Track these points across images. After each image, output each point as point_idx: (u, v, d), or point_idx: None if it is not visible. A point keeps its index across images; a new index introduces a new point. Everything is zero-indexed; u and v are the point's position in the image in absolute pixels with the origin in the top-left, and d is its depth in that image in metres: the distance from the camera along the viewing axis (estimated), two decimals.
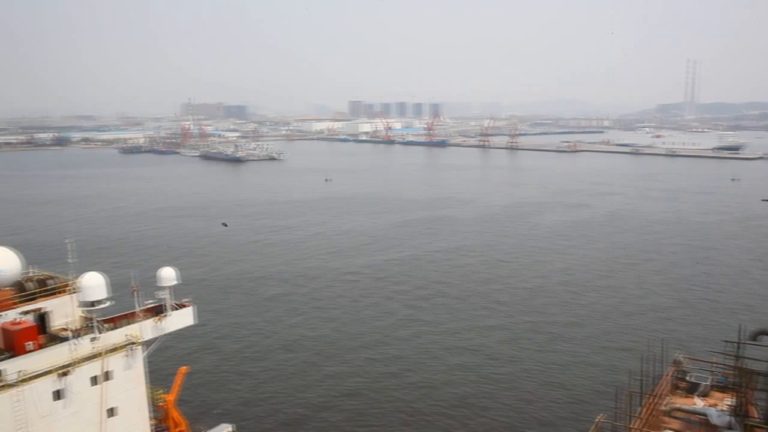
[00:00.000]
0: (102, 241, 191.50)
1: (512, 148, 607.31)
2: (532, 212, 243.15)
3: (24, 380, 46.92)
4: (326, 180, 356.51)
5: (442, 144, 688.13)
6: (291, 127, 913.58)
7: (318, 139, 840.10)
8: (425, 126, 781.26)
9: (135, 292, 55.88)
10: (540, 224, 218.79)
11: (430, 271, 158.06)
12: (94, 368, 50.95)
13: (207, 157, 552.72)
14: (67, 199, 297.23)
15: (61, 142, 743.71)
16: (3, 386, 45.84)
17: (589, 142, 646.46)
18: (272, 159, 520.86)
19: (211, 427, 65.00)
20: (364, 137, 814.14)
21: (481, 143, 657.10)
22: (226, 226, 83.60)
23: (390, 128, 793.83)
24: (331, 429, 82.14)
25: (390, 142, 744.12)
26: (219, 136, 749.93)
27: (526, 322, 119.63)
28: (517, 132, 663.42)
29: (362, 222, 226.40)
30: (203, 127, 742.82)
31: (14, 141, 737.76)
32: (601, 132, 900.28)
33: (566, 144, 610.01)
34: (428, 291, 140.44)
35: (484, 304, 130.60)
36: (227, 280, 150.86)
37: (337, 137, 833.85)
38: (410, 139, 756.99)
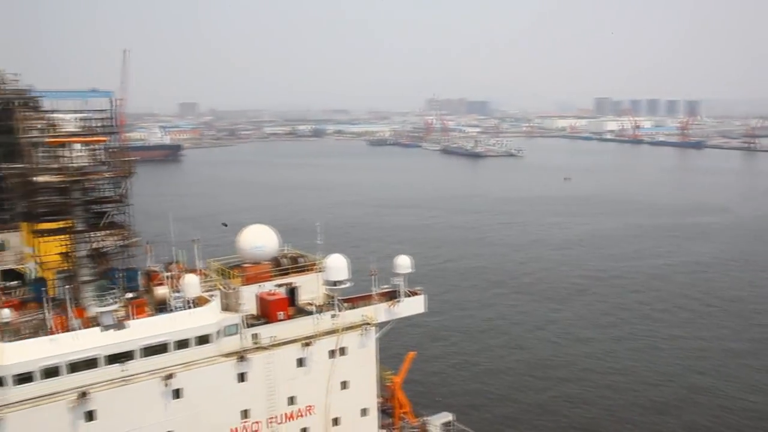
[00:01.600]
0: (345, 225, 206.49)
1: None
2: None
3: (275, 345, 52.73)
4: (565, 179, 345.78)
5: (697, 145, 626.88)
6: (532, 124, 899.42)
7: (559, 136, 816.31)
8: (679, 125, 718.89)
9: (373, 276, 59.39)
10: None
11: (671, 281, 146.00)
12: (332, 343, 55.34)
13: (447, 151, 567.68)
14: (319, 185, 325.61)
15: (317, 133, 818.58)
16: (258, 348, 51.99)
17: None
18: (510, 155, 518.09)
19: (433, 413, 67.07)
20: (608, 136, 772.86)
21: (746, 145, 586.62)
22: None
23: (638, 126, 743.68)
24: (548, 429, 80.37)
25: (637, 141, 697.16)
26: (460, 131, 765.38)
27: None
28: None
29: (600, 224, 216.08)
30: (445, 121, 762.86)
31: (280, 132, 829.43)
32: None
33: None
34: (668, 303, 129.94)
35: (731, 325, 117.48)
36: (456, 272, 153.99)
37: (579, 135, 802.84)
38: (660, 138, 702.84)
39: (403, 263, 60.73)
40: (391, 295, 60.70)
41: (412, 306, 61.65)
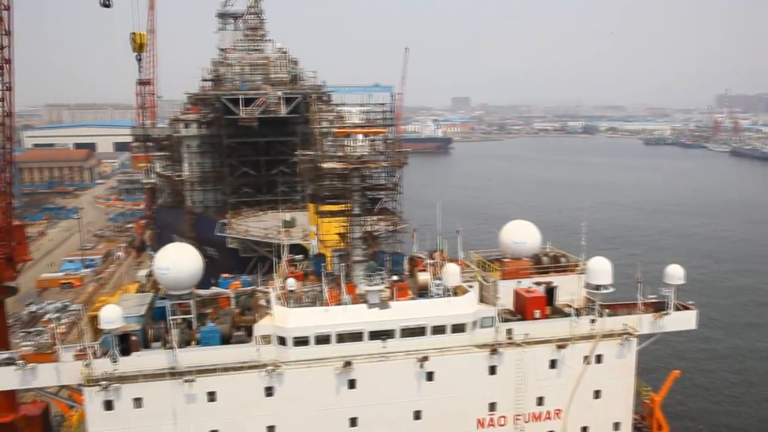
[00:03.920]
0: (611, 228, 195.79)
1: None
2: None
3: (528, 342, 52.29)
4: None
5: None
6: None
7: None
8: None
9: (639, 284, 55.76)
10: None
11: None
12: (588, 348, 53.16)
13: (736, 153, 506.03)
14: (586, 184, 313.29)
15: (588, 130, 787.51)
16: (511, 343, 52.04)
17: None
18: None
19: None
20: None
21: None
22: None
23: None
24: None
25: None
26: (756, 130, 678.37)
27: None
28: None
29: None
30: (738, 120, 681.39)
31: (549, 128, 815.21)
32: None
33: None
34: None
35: None
36: (735, 290, 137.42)
37: None
38: None
39: (675, 273, 56.03)
40: (658, 307, 56.43)
41: (681, 321, 56.69)
